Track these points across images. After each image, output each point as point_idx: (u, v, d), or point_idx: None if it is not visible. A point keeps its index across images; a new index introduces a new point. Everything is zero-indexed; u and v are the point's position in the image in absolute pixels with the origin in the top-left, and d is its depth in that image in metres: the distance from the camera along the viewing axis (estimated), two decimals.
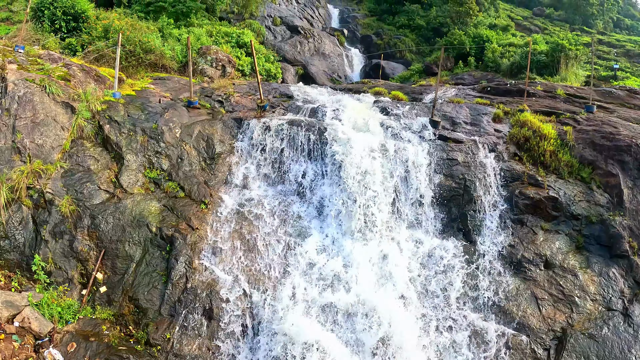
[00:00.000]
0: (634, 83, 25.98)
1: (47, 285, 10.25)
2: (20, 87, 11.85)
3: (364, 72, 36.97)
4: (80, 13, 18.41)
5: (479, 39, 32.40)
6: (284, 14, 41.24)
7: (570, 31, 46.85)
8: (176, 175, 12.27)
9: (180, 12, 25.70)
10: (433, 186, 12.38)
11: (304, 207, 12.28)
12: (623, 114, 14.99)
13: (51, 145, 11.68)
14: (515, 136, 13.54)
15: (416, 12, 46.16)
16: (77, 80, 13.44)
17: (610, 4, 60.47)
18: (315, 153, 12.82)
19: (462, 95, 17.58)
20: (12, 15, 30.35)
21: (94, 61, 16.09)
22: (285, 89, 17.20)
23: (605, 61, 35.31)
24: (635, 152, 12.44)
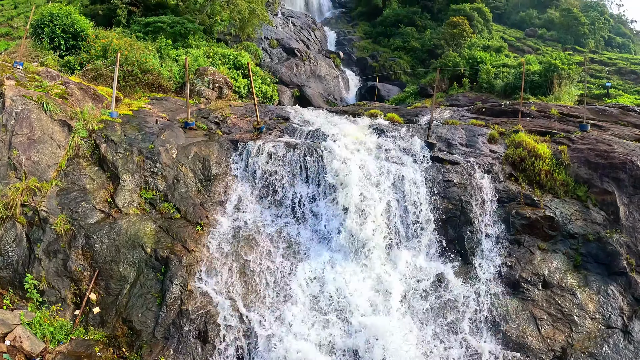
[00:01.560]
0: (627, 100, 26.32)
1: (39, 305, 10.05)
2: (18, 104, 11.83)
3: (360, 94, 37.29)
4: (79, 31, 18.58)
5: (473, 61, 32.79)
6: (281, 36, 41.71)
7: (563, 51, 47.57)
8: (172, 197, 12.18)
9: (179, 33, 25.98)
10: (429, 208, 12.32)
11: (300, 230, 12.17)
12: (617, 132, 15.11)
13: (47, 163, 11.60)
14: (511, 157, 13.58)
15: (411, 34, 46.89)
16: (74, 98, 13.44)
17: (601, 23, 61.65)
18: (312, 175, 12.77)
19: (457, 117, 17.65)
20: (12, 31, 30.58)
21: (92, 80, 16.13)
22: (281, 111, 17.24)
23: (598, 79, 35.81)
24: (630, 169, 12.50)
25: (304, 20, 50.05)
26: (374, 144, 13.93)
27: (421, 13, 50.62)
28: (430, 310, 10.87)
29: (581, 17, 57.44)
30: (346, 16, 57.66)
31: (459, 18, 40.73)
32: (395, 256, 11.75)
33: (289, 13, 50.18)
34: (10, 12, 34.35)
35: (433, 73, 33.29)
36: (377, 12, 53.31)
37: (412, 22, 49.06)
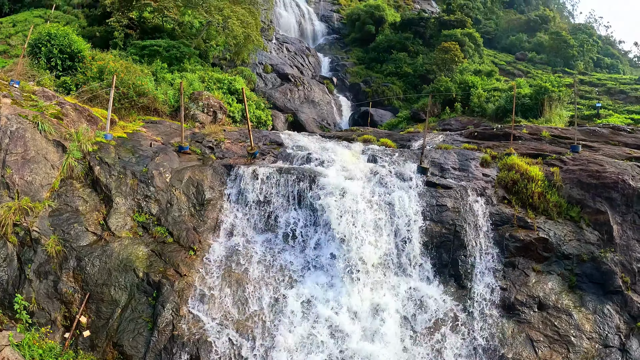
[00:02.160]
0: (617, 120, 26.69)
1: (29, 326, 9.84)
2: (13, 122, 11.80)
3: (353, 120, 37.53)
4: (76, 52, 18.66)
5: (465, 85, 33.23)
6: (275, 62, 42.19)
7: (553, 73, 48.35)
8: (165, 220, 12.09)
9: (174, 57, 26.21)
10: (423, 233, 12.31)
11: (293, 256, 12.07)
12: (608, 152, 15.29)
13: (40, 183, 11.52)
14: (504, 180, 13.66)
15: (403, 60, 47.56)
16: (69, 119, 13.42)
17: (589, 45, 62.96)
18: (305, 201, 12.73)
19: (450, 141, 17.81)
20: (10, 48, 30.70)
21: (88, 101, 16.11)
22: (275, 136, 17.30)
23: (588, 100, 36.43)
24: (622, 188, 12.63)
25: (298, 46, 50.74)
26: (368, 170, 13.95)
27: (413, 39, 51.46)
28: (424, 335, 10.75)
29: (570, 39, 58.71)
30: (340, 42, 58.50)
31: (451, 43, 41.47)
32: (389, 281, 11.68)
33: (284, 39, 50.89)
34: (8, 29, 34.57)
35: (425, 98, 33.68)
36: (370, 39, 54.18)
37: (404, 47, 49.84)
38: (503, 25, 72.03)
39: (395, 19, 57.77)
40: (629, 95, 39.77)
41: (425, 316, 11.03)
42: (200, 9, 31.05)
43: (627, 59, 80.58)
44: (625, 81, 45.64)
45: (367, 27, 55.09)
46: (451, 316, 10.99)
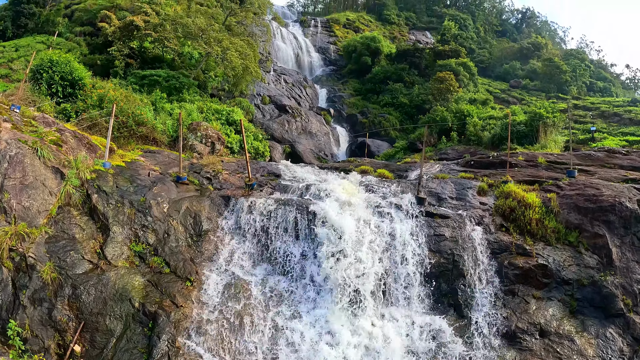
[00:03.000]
0: (612, 142, 26.85)
1: (21, 353, 9.58)
2: (13, 147, 11.77)
3: (350, 150, 37.80)
4: (77, 80, 18.78)
5: (460, 114, 33.54)
6: (273, 93, 42.73)
7: (547, 99, 48.99)
8: (162, 251, 11.99)
9: (174, 87, 26.55)
10: (421, 263, 12.24)
11: (291, 287, 11.97)
12: (604, 175, 15.36)
13: (38, 209, 11.44)
14: (501, 207, 13.67)
15: (399, 90, 48.19)
16: (68, 146, 13.44)
17: (582, 70, 63.97)
18: (303, 232, 12.72)
19: (447, 171, 17.91)
20: (12, 73, 31.05)
21: (87, 129, 16.18)
22: (273, 167, 17.38)
23: (582, 124, 36.77)
24: (619, 211, 12.63)
25: (295, 77, 51.50)
26: (365, 201, 13.96)
27: (409, 70, 52.28)
28: None
29: (562, 65, 59.71)
30: (336, 74, 59.43)
31: (446, 73, 42.11)
32: (388, 312, 11.57)
33: (281, 70, 51.69)
34: (11, 54, 35.07)
35: (422, 128, 33.94)
36: (366, 70, 55.07)
37: (400, 78, 50.59)
38: (496, 54, 73.46)
39: (391, 50, 58.89)
40: (623, 117, 40.20)
41: (425, 346, 10.84)
42: (199, 40, 31.64)
43: (619, 81, 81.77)
44: (619, 104, 46.16)
45: (363, 59, 56.07)
46: (451, 346, 10.79)
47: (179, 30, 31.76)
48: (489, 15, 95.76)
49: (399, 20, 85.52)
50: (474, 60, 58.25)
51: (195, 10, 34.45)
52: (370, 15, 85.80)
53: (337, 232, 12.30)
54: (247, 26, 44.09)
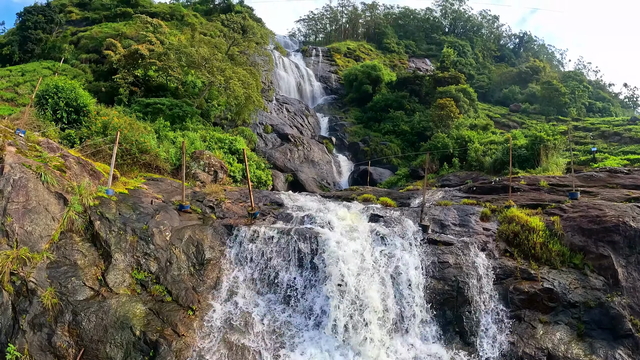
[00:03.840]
0: (613, 162, 26.77)
1: None
2: (17, 171, 11.79)
3: (353, 179, 37.76)
4: (82, 106, 18.89)
5: (462, 140, 33.70)
6: (275, 122, 43.09)
7: (547, 122, 49.32)
8: (164, 279, 11.89)
9: (177, 116, 26.84)
10: (426, 291, 12.13)
11: (294, 317, 11.83)
12: (607, 195, 15.31)
13: (40, 234, 11.38)
14: (504, 233, 13.61)
15: (400, 118, 48.52)
16: (72, 172, 13.45)
17: (580, 91, 64.58)
18: (306, 262, 12.63)
19: (449, 197, 17.89)
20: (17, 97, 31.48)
21: (91, 155, 16.23)
22: (275, 196, 17.38)
23: (583, 145, 36.79)
24: (624, 230, 12.50)
25: (297, 106, 52.04)
26: (368, 229, 13.90)
27: (409, 97, 52.80)
28: None
29: (561, 87, 60.31)
30: (338, 102, 60.07)
31: (446, 100, 42.50)
32: (393, 342, 11.38)
33: (284, 99, 52.29)
34: (17, 78, 35.70)
35: (423, 155, 34.09)
36: (367, 98, 55.63)
37: (401, 106, 51.03)
38: (495, 79, 74.41)
39: (391, 78, 59.64)
40: (623, 136, 40.33)
41: None
42: (203, 69, 32.16)
43: (618, 100, 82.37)
44: (618, 123, 46.34)
45: (364, 87, 56.72)
46: None
47: (183, 60, 32.36)
48: (487, 41, 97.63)
49: (399, 49, 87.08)
50: (473, 86, 59.02)
51: (199, 40, 35.16)
52: (370, 44, 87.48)
53: (340, 261, 12.21)
54: (250, 56, 44.87)
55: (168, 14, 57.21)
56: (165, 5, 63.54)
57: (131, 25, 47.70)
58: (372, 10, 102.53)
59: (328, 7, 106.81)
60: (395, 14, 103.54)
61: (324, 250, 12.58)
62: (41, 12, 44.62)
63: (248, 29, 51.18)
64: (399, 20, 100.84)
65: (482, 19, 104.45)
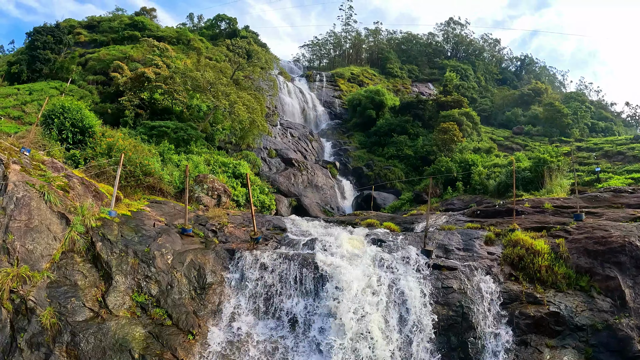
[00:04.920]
0: (618, 182, 26.57)
1: None
2: (20, 189, 11.84)
3: (356, 203, 37.68)
4: (87, 127, 19.03)
5: (465, 164, 33.70)
6: (279, 147, 43.31)
7: (550, 143, 49.21)
8: (164, 302, 11.79)
9: (181, 139, 27.02)
10: (430, 317, 11.92)
11: (296, 343, 11.64)
12: (612, 215, 15.17)
13: (41, 253, 11.36)
14: (509, 256, 13.46)
15: (404, 142, 48.66)
16: (75, 192, 13.48)
17: (583, 112, 64.65)
18: (308, 288, 12.52)
19: (453, 222, 17.81)
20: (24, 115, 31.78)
21: (95, 176, 16.28)
22: (278, 221, 17.36)
23: (587, 166, 36.65)
24: (630, 251, 12.34)
25: (301, 131, 52.40)
26: (372, 255, 13.82)
27: (413, 121, 53.03)
28: None
29: (563, 109, 60.43)
30: (342, 127, 60.45)
31: (449, 124, 42.65)
32: None
33: (288, 124, 52.69)
34: (24, 97, 36.11)
35: (427, 179, 34.06)
36: (371, 123, 55.94)
37: (404, 130, 51.25)
38: (498, 101, 74.79)
39: (394, 102, 60.08)
40: (627, 155, 40.26)
41: None
42: (208, 93, 32.53)
43: (620, 119, 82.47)
44: (622, 142, 46.23)
45: (367, 112, 57.09)
46: None
47: (189, 83, 32.79)
48: (489, 64, 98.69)
49: (402, 73, 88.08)
50: (476, 109, 59.37)
51: (205, 64, 35.70)
52: (373, 69, 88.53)
53: (343, 287, 12.12)
54: (255, 80, 45.47)
55: (175, 38, 58.21)
56: (172, 30, 64.78)
57: (138, 49, 48.51)
58: (375, 36, 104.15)
59: (332, 33, 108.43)
60: (398, 39, 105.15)
61: (327, 276, 12.49)
62: (50, 33, 45.34)
63: (253, 54, 51.96)
64: (402, 45, 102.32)
65: (484, 42, 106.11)
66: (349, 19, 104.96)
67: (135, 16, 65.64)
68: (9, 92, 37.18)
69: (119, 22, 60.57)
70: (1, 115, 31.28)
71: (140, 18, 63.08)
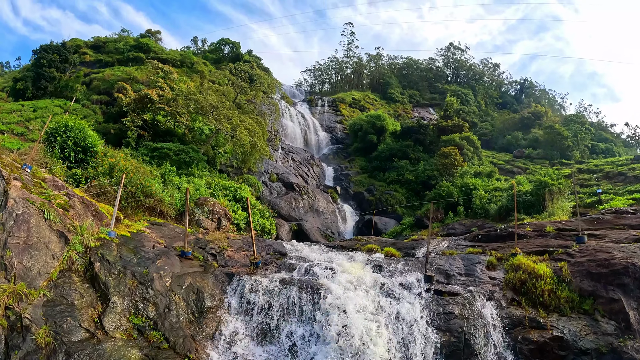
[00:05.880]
0: (619, 203, 26.33)
1: None
2: (20, 206, 11.82)
3: (357, 228, 37.57)
4: (90, 147, 19.04)
5: (466, 188, 33.69)
6: (281, 171, 43.38)
7: (551, 166, 49.19)
8: (162, 325, 11.65)
9: (183, 161, 27.10)
10: (431, 343, 11.76)
11: None
12: (614, 237, 15.06)
13: (39, 270, 11.28)
14: (511, 281, 13.34)
15: (405, 167, 48.73)
16: (75, 211, 13.46)
17: (583, 133, 64.68)
18: (308, 314, 12.39)
19: (454, 246, 17.74)
20: (27, 132, 31.92)
21: (95, 196, 16.24)
22: (278, 246, 17.31)
23: (588, 188, 36.43)
24: (633, 272, 12.19)
25: (303, 155, 52.58)
26: (372, 281, 13.74)
27: (414, 146, 53.19)
28: None
29: (563, 131, 60.51)
30: (343, 152, 60.67)
31: (450, 148, 42.75)
32: None
33: (289, 148, 52.92)
34: (28, 114, 36.35)
35: (428, 204, 33.99)
36: (372, 147, 56.16)
37: (405, 155, 51.39)
38: (498, 125, 75.10)
39: (395, 127, 60.42)
40: (628, 175, 40.06)
41: None
42: (210, 116, 32.77)
43: (620, 140, 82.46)
44: (622, 162, 46.05)
45: (369, 137, 57.36)
46: None
47: (191, 106, 33.08)
48: (489, 88, 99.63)
49: (403, 98, 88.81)
50: (476, 134, 59.57)
51: (207, 88, 36.08)
52: (375, 94, 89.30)
53: (343, 313, 12.01)
54: (257, 104, 45.85)
55: (179, 61, 58.98)
56: (176, 52, 65.70)
57: (142, 70, 49.10)
58: (376, 61, 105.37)
59: (334, 58, 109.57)
60: (399, 64, 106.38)
61: (326, 302, 12.39)
62: (56, 51, 45.96)
63: (255, 78, 52.58)
64: (403, 71, 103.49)
65: (484, 67, 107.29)
66: (351, 44, 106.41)
67: (141, 38, 66.79)
68: (14, 108, 37.59)
69: (124, 43, 61.56)
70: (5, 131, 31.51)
71: (145, 40, 64.14)
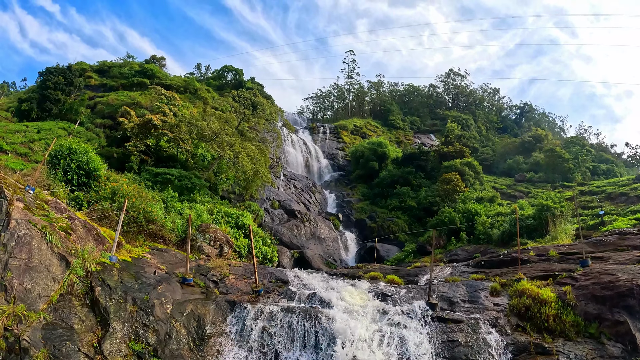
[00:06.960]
0: (622, 223, 26.12)
1: None
2: (22, 227, 11.79)
3: (359, 255, 37.40)
4: (93, 170, 19.02)
5: (468, 214, 33.60)
6: (283, 198, 43.37)
7: (552, 189, 49.06)
8: (162, 352, 11.53)
9: (185, 187, 27.17)
10: None
11: None
12: (618, 259, 14.93)
13: (39, 293, 11.18)
14: (515, 307, 13.22)
15: (407, 194, 48.66)
16: (77, 235, 13.44)
17: (584, 155, 64.69)
18: (310, 342, 12.29)
19: (457, 273, 17.64)
20: (31, 153, 32.04)
21: (97, 220, 16.24)
22: (280, 273, 17.28)
23: (591, 209, 36.19)
24: (638, 293, 12.01)
25: (305, 183, 52.67)
26: (375, 309, 13.67)
27: (415, 172, 53.23)
28: None
29: (564, 154, 60.59)
30: (345, 179, 60.72)
31: (451, 174, 42.86)
32: None
33: (291, 176, 53.05)
34: (33, 135, 36.59)
35: (430, 231, 33.88)
36: (373, 174, 56.24)
37: (407, 181, 51.37)
38: (499, 150, 75.32)
39: (397, 154, 60.64)
40: (630, 196, 40.02)
41: None
42: (213, 143, 33.03)
43: (621, 160, 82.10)
44: (624, 183, 46.01)
45: (370, 164, 57.50)
46: None
47: (194, 132, 33.39)
48: (489, 113, 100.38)
49: (404, 125, 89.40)
50: (478, 159, 59.75)
51: (210, 114, 36.45)
52: (376, 121, 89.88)
53: (346, 341, 11.90)
54: (259, 131, 46.25)
55: (182, 87, 59.74)
56: (180, 79, 66.60)
57: (146, 95, 49.69)
58: (377, 88, 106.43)
59: (335, 86, 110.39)
60: (400, 91, 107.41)
61: (329, 331, 12.29)
62: (62, 74, 46.53)
63: (258, 105, 53.08)
64: (404, 97, 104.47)
65: (484, 92, 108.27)
66: (352, 72, 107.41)
67: (145, 64, 67.84)
68: (18, 129, 37.96)
69: (129, 68, 62.53)
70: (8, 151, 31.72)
71: (150, 66, 65.11)
